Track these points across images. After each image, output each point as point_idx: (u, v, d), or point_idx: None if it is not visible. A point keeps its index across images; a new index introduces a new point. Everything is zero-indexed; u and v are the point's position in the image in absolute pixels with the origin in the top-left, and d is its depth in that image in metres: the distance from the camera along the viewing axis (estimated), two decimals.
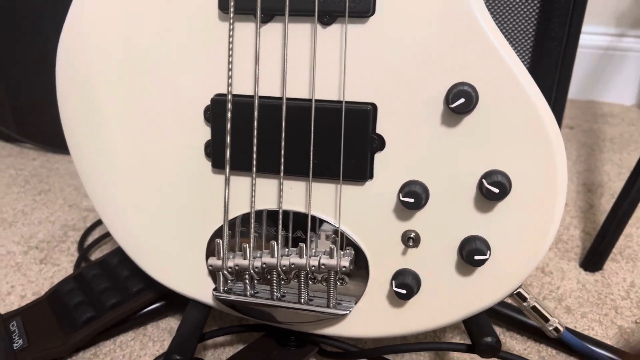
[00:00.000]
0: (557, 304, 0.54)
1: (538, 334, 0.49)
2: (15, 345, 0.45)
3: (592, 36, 1.07)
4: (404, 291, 0.37)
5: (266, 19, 0.35)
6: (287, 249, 0.39)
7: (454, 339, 0.49)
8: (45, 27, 0.78)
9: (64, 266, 0.59)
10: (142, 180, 0.41)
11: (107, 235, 0.62)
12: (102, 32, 0.39)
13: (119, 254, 0.52)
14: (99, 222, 0.65)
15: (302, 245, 0.38)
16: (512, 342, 0.49)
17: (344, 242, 0.38)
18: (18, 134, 0.86)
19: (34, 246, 0.62)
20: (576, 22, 0.62)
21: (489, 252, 0.35)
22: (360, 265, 0.38)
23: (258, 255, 0.39)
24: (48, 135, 0.85)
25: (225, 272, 0.40)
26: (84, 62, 0.40)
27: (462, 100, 0.33)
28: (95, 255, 0.60)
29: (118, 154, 0.41)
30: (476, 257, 0.35)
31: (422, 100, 0.35)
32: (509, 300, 0.40)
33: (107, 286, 0.49)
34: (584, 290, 0.56)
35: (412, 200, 0.35)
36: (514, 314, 0.49)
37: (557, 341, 0.48)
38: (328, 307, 0.39)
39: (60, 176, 0.79)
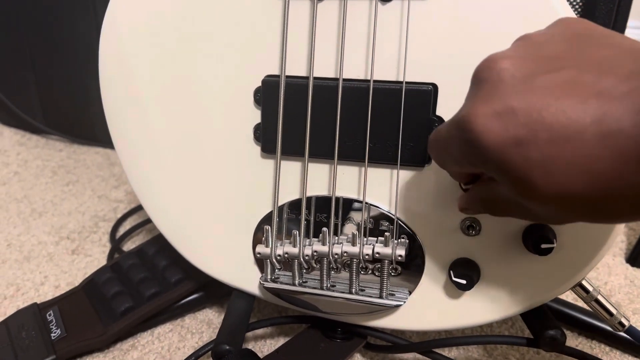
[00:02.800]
0: None
1: (589, 329, 0.47)
2: (53, 335, 0.44)
3: (634, 30, 1.05)
4: (464, 282, 0.35)
5: None
6: (337, 237, 0.38)
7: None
8: (75, 18, 0.77)
9: (96, 257, 0.58)
10: (187, 165, 0.40)
11: (138, 226, 0.61)
12: (147, 15, 0.38)
13: (155, 243, 0.51)
14: (129, 213, 0.64)
15: (355, 232, 0.36)
16: None
17: (398, 230, 0.37)
18: (45, 125, 0.85)
19: (65, 236, 0.61)
20: (622, 17, 0.60)
21: (555, 240, 0.33)
22: (415, 255, 0.37)
23: (308, 243, 0.38)
24: (74, 126, 0.84)
25: (274, 260, 0.38)
26: (127, 47, 0.39)
27: None
28: (127, 247, 0.59)
29: (162, 139, 0.40)
30: (543, 246, 0.33)
31: None
32: (569, 293, 0.38)
33: (145, 276, 0.47)
34: (632, 286, 0.54)
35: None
36: (563, 308, 0.48)
37: (611, 337, 0.46)
38: (381, 297, 0.37)
39: (87, 167, 0.78)
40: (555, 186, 0.21)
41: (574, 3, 0.60)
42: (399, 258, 0.36)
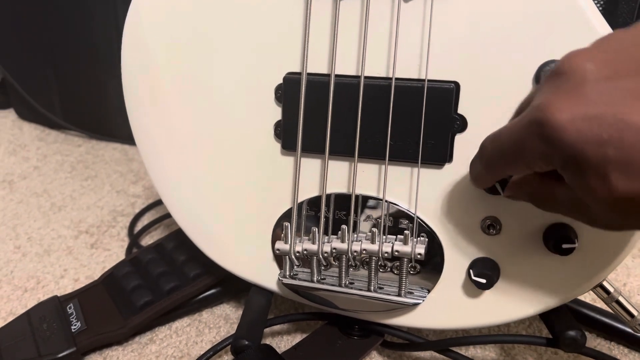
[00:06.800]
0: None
1: (607, 331, 0.47)
2: (73, 327, 0.44)
3: None
4: (483, 281, 0.35)
5: None
6: (355, 234, 0.38)
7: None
8: (95, 15, 0.77)
9: (114, 251, 0.58)
10: (207, 161, 0.40)
11: (157, 221, 0.62)
12: (169, 11, 0.38)
13: (174, 238, 0.51)
14: (147, 208, 0.65)
15: (374, 230, 0.37)
16: None
17: (417, 228, 0.37)
18: (64, 121, 0.86)
19: (84, 231, 0.62)
20: None
21: (576, 240, 0.33)
22: (434, 253, 0.37)
23: (327, 240, 0.38)
24: (93, 122, 0.85)
25: (293, 256, 0.38)
26: (149, 42, 0.39)
27: None
28: (145, 241, 0.60)
29: (183, 134, 0.40)
30: (564, 246, 0.33)
31: (508, 79, 0.33)
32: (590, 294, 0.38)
33: (164, 270, 0.48)
34: None
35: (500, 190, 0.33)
36: (581, 309, 0.47)
37: (630, 339, 0.46)
38: (399, 295, 0.37)
39: (105, 162, 0.79)
40: (630, 187, 0.21)
41: (595, 2, 0.59)
42: (418, 256, 0.36)
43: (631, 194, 0.21)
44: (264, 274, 0.41)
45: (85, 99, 0.84)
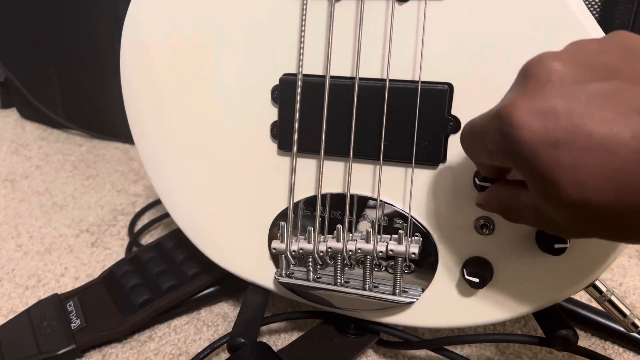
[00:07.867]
0: None
1: (602, 330, 0.47)
2: (73, 325, 0.45)
3: None
4: (476, 280, 0.35)
5: None
6: (351, 234, 0.38)
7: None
8: (96, 15, 0.78)
9: (115, 250, 0.59)
10: (204, 161, 0.41)
11: (157, 220, 0.62)
12: (167, 12, 0.39)
13: (173, 237, 0.52)
14: (148, 207, 0.66)
15: (369, 230, 0.37)
16: None
17: (412, 228, 0.37)
18: (66, 120, 0.87)
19: (84, 229, 0.62)
20: None
21: (568, 240, 0.34)
22: (428, 253, 0.37)
23: (322, 239, 0.39)
24: (95, 121, 0.86)
25: (289, 255, 0.39)
26: (147, 43, 0.40)
27: None
28: (145, 240, 0.60)
29: (180, 134, 0.41)
30: (556, 246, 0.33)
31: (502, 80, 0.33)
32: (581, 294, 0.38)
33: (163, 269, 0.48)
34: None
35: (488, 184, 0.34)
36: (576, 309, 0.48)
37: (624, 338, 0.46)
38: (394, 294, 0.38)
39: (106, 162, 0.80)
40: (581, 193, 0.21)
41: (593, 2, 0.59)
42: (413, 256, 0.36)
43: (582, 201, 0.21)
44: (261, 272, 0.42)
45: (87, 99, 0.84)
